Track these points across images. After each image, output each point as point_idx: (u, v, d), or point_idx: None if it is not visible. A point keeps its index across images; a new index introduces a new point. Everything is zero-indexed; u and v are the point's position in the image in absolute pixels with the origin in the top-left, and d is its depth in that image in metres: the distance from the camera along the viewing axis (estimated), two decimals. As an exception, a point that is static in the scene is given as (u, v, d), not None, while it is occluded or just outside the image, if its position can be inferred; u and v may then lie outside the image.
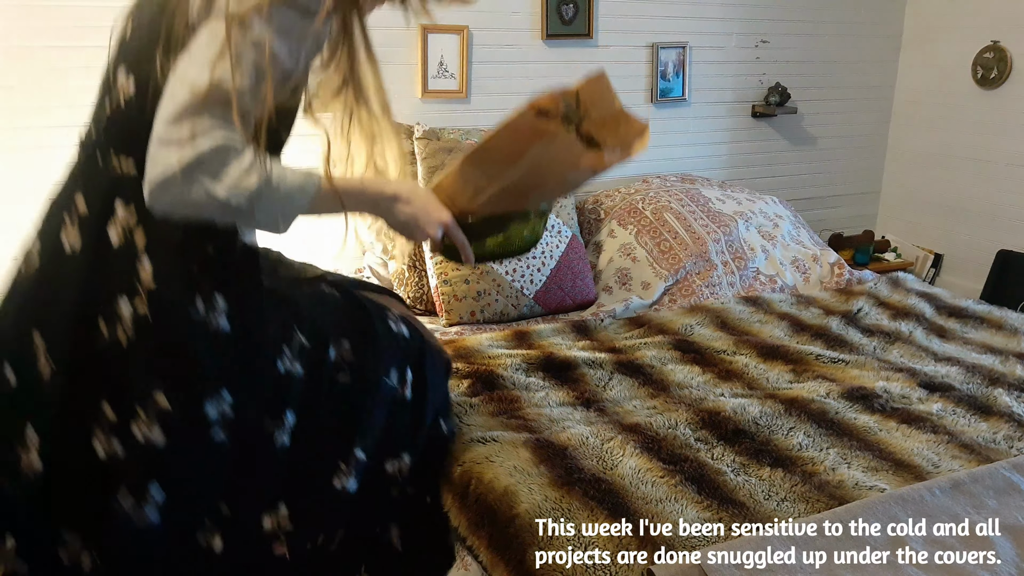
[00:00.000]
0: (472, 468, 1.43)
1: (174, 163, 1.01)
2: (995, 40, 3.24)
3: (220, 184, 1.03)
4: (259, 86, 1.05)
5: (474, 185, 1.30)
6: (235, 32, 1.02)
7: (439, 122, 2.77)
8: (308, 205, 1.13)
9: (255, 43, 1.03)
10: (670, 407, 1.66)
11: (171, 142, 1.01)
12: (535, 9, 2.85)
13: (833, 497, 1.33)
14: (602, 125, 1.32)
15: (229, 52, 1.01)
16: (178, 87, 1.03)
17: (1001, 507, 1.28)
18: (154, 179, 1.02)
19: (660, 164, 3.27)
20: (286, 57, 1.07)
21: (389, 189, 1.26)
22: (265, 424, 1.24)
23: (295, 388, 1.26)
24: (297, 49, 1.08)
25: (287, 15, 1.05)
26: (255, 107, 1.06)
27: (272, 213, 1.10)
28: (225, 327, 1.19)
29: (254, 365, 1.23)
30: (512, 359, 1.84)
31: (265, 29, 1.03)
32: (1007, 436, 1.56)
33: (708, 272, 2.46)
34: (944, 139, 3.51)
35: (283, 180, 1.09)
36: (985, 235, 3.38)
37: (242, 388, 1.21)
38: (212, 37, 1.03)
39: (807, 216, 3.49)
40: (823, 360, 1.92)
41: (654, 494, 1.33)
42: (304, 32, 1.07)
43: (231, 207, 1.05)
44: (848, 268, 2.66)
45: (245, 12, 1.02)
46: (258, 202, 1.07)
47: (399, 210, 1.25)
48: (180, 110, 1.01)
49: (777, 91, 3.32)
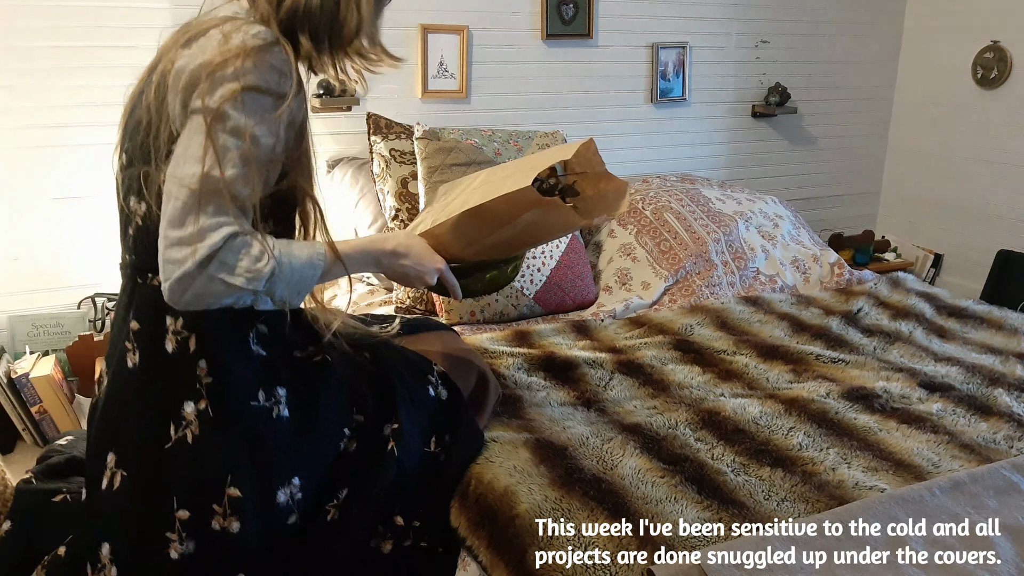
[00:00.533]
0: (472, 468, 1.43)
1: (188, 264, 1.07)
2: (995, 40, 3.24)
3: (236, 276, 1.10)
4: (248, 171, 1.10)
5: (468, 237, 1.38)
6: (214, 126, 1.07)
7: (439, 122, 2.77)
8: (319, 277, 1.21)
9: (235, 131, 1.08)
10: (670, 407, 1.66)
11: (181, 242, 1.07)
12: (535, 9, 2.85)
13: (833, 497, 1.33)
14: (589, 184, 1.44)
15: (213, 146, 1.07)
16: (174, 187, 1.08)
17: (1001, 507, 1.28)
18: (172, 280, 1.08)
19: (660, 164, 3.28)
20: (267, 138, 1.12)
21: (389, 245, 1.33)
22: (323, 501, 1.30)
23: (351, 465, 1.33)
24: (275, 128, 1.12)
25: (259, 99, 1.10)
26: (249, 192, 1.11)
27: (287, 291, 1.17)
28: (286, 415, 1.25)
29: (319, 449, 1.29)
30: (513, 359, 1.84)
31: (241, 116, 1.08)
32: (1007, 436, 1.56)
33: (708, 272, 2.46)
34: (944, 139, 3.51)
35: (292, 258, 1.16)
36: (985, 235, 3.38)
37: (309, 471, 1.27)
38: (194, 134, 1.09)
39: (807, 216, 3.49)
40: (823, 360, 1.92)
41: (654, 494, 1.32)
42: (278, 112, 1.11)
43: (249, 292, 1.12)
44: (848, 268, 2.66)
45: (219, 105, 1.07)
46: (273, 285, 1.14)
47: (399, 263, 1.34)
48: (182, 209, 1.07)
49: (777, 91, 3.32)
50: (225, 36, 1.10)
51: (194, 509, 1.19)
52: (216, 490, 1.19)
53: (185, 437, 1.19)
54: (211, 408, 1.20)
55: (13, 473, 1.48)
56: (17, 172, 2.33)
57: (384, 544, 1.35)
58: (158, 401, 1.20)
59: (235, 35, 1.10)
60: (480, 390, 1.58)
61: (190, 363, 1.20)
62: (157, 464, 1.19)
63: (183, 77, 1.10)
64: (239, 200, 1.10)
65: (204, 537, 1.19)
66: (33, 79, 2.28)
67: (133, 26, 2.33)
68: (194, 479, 1.19)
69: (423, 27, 2.69)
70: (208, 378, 1.20)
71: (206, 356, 1.20)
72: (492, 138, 2.53)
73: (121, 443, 1.22)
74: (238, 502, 1.19)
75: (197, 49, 1.11)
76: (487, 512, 1.34)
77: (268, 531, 1.23)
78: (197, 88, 1.08)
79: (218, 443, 1.20)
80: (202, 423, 1.19)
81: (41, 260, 2.40)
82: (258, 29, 1.12)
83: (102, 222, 2.43)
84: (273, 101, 1.11)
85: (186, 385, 1.20)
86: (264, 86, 1.10)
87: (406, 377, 1.44)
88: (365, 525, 1.33)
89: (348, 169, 2.61)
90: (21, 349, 2.39)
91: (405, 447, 1.36)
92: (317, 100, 2.52)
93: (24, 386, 2.18)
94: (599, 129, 3.10)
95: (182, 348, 1.20)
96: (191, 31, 1.15)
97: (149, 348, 1.21)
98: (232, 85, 1.08)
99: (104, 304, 2.45)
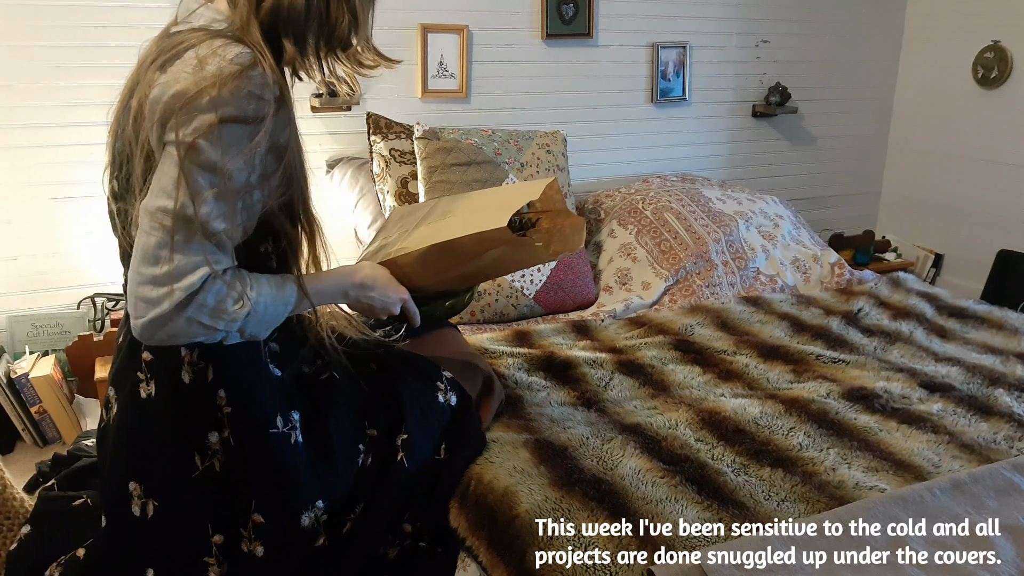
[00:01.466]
0: (472, 468, 1.43)
1: (165, 305, 1.05)
2: (995, 40, 3.24)
3: (215, 318, 1.09)
4: (223, 206, 1.06)
5: (434, 269, 1.41)
6: (187, 160, 1.03)
7: (439, 122, 2.76)
8: (289, 312, 1.21)
9: (209, 166, 1.04)
10: (670, 407, 1.66)
11: (155, 281, 1.04)
12: (535, 9, 2.85)
13: (833, 497, 1.33)
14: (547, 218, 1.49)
15: (186, 181, 1.03)
16: (147, 222, 1.05)
17: (1001, 507, 1.28)
18: (145, 320, 1.05)
19: (660, 164, 3.27)
20: (243, 171, 1.07)
21: (356, 278, 1.33)
22: (343, 516, 1.31)
23: (369, 480, 1.34)
24: (251, 160, 1.07)
25: (234, 130, 1.05)
26: (226, 227, 1.08)
27: (258, 328, 1.17)
28: (301, 441, 1.27)
29: (337, 470, 1.30)
30: (513, 359, 1.84)
31: (215, 151, 1.04)
32: (1007, 436, 1.56)
33: (708, 272, 2.46)
34: (944, 139, 3.51)
35: (265, 296, 1.15)
36: (985, 235, 3.38)
37: (331, 492, 1.29)
38: (168, 168, 1.05)
39: (807, 216, 3.49)
40: (823, 360, 1.92)
41: (654, 494, 1.32)
42: (255, 141, 1.06)
43: (221, 332, 1.11)
44: (848, 268, 2.66)
45: (193, 139, 1.03)
46: (247, 324, 1.13)
47: (366, 295, 1.34)
48: (156, 246, 1.04)
49: (777, 91, 3.32)
50: (200, 61, 1.04)
51: (226, 533, 1.21)
52: (243, 515, 1.21)
53: (213, 466, 1.21)
54: (232, 437, 1.21)
55: (13, 473, 1.48)
56: (17, 172, 2.33)
57: (391, 550, 1.36)
58: (181, 432, 1.20)
59: (211, 60, 1.04)
60: (485, 393, 1.59)
61: (209, 393, 1.20)
62: (187, 492, 1.20)
63: (158, 109, 1.05)
64: (215, 236, 1.07)
65: (237, 559, 1.21)
66: (33, 79, 2.28)
67: (133, 26, 2.33)
68: (224, 505, 1.21)
69: (423, 27, 2.68)
70: (228, 407, 1.21)
71: (224, 385, 1.20)
72: (492, 138, 2.53)
73: (145, 473, 1.22)
74: (261, 528, 1.21)
75: (171, 76, 1.05)
76: (487, 512, 1.34)
77: (295, 555, 1.25)
78: (172, 119, 1.03)
79: (243, 470, 1.21)
80: (226, 451, 1.21)
81: (41, 260, 2.40)
82: (235, 52, 1.05)
83: (102, 222, 2.42)
84: (250, 130, 1.06)
85: (207, 415, 1.20)
86: (240, 115, 1.04)
87: (415, 386, 1.45)
88: (378, 536, 1.34)
89: (348, 169, 2.61)
90: (21, 349, 2.39)
91: (414, 456, 1.37)
92: (316, 100, 2.52)
93: (24, 386, 2.18)
94: (599, 129, 3.10)
95: (200, 379, 1.20)
96: (167, 50, 1.09)
97: (165, 379, 1.20)
98: (207, 117, 1.03)
99: (104, 304, 2.45)
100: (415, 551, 1.38)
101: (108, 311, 2.44)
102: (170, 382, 1.20)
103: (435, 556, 1.38)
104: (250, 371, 1.23)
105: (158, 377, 1.20)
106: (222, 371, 1.20)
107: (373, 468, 1.35)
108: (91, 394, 2.32)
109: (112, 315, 2.40)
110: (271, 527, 1.22)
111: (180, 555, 1.21)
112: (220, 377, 1.20)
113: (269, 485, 1.22)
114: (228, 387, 1.20)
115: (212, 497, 1.20)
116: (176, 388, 1.19)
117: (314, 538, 1.27)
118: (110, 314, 2.42)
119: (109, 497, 1.25)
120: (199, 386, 1.20)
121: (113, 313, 2.41)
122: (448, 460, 1.43)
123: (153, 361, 1.21)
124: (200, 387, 1.20)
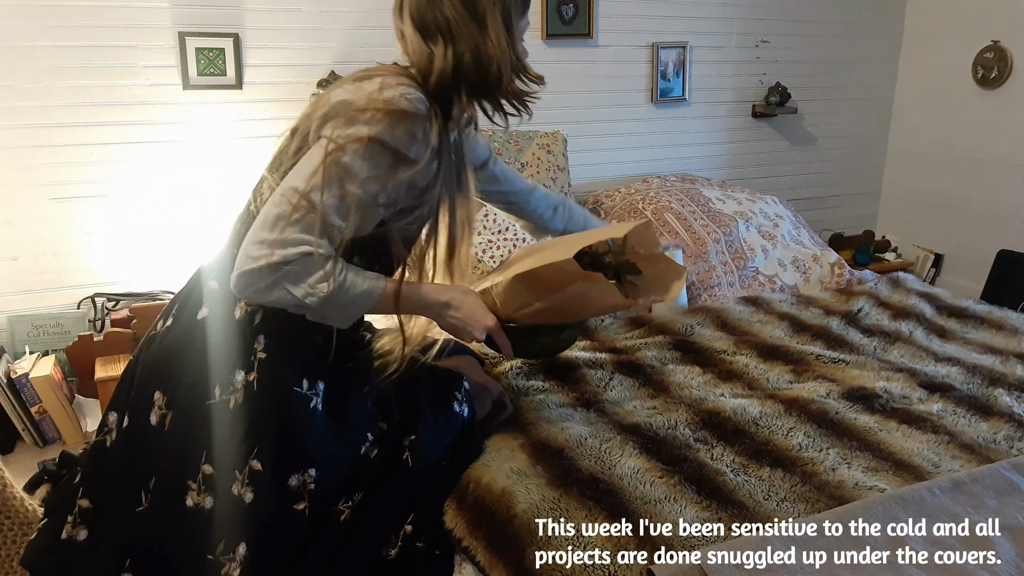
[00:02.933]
0: (470, 471, 1.43)
1: (262, 262, 1.17)
2: (995, 40, 3.24)
3: (296, 287, 1.20)
4: (344, 207, 1.20)
5: (520, 300, 1.45)
6: (332, 157, 1.18)
7: (439, 122, 2.76)
8: (369, 308, 1.30)
9: (347, 170, 1.18)
10: (670, 407, 1.66)
11: (263, 242, 1.18)
12: (535, 9, 2.85)
13: (833, 497, 1.33)
14: (644, 263, 1.51)
15: (324, 173, 1.17)
16: (279, 196, 1.20)
17: (1001, 507, 1.28)
18: (242, 271, 1.19)
19: (660, 164, 3.27)
20: (373, 188, 1.22)
21: (444, 296, 1.39)
22: (338, 499, 1.33)
23: (371, 470, 1.36)
24: (385, 185, 1.22)
25: (380, 154, 1.19)
26: (342, 224, 1.21)
27: (338, 313, 1.28)
28: (320, 409, 1.31)
29: (341, 447, 1.34)
30: (513, 361, 1.83)
31: (357, 160, 1.18)
32: (1007, 436, 1.56)
33: (708, 272, 2.46)
34: (944, 139, 3.51)
35: (353, 287, 1.25)
36: (985, 235, 3.38)
37: (326, 466, 1.32)
38: (314, 157, 1.19)
39: (807, 216, 3.49)
40: (823, 360, 1.92)
41: (653, 494, 1.32)
42: (397, 174, 1.22)
43: (303, 305, 1.22)
44: (848, 268, 2.65)
45: (343, 140, 1.18)
46: (326, 305, 1.23)
47: (449, 315, 1.39)
48: (276, 216, 1.18)
49: (777, 91, 3.32)
50: (382, 86, 1.19)
51: (218, 468, 1.25)
52: (241, 458, 1.25)
53: (228, 401, 1.26)
54: (257, 383, 1.27)
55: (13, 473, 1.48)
56: (17, 172, 2.33)
57: (392, 552, 1.37)
58: (214, 358, 1.27)
59: (390, 90, 1.19)
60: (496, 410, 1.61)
61: (251, 334, 1.29)
62: (196, 414, 1.26)
63: (329, 105, 1.20)
64: (328, 227, 1.19)
65: (221, 497, 1.25)
66: (33, 79, 2.28)
67: (133, 26, 2.33)
68: (225, 441, 1.25)
69: (423, 27, 2.68)
70: (263, 353, 1.28)
71: (266, 332, 1.29)
72: (492, 138, 2.53)
73: (171, 385, 1.29)
74: (257, 476, 1.25)
75: (354, 89, 1.21)
76: (485, 513, 1.34)
77: (277, 510, 1.27)
78: (334, 119, 1.19)
79: (255, 417, 1.26)
80: (247, 394, 1.26)
81: (41, 260, 2.40)
82: (416, 96, 1.20)
83: (102, 222, 2.44)
84: (392, 160, 1.20)
85: (242, 354, 1.28)
86: (391, 143, 1.18)
87: (432, 394, 1.48)
88: (379, 534, 1.35)
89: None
90: (21, 349, 2.39)
91: (421, 458, 1.39)
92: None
93: (24, 386, 2.18)
94: (599, 129, 3.10)
95: (249, 318, 1.29)
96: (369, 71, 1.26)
97: (220, 308, 1.30)
98: (362, 129, 1.17)
99: (104, 304, 2.45)
100: (413, 552, 1.38)
101: (108, 311, 2.44)
102: (222, 312, 1.30)
103: (433, 557, 1.38)
104: (297, 330, 1.29)
105: (213, 305, 1.31)
106: (269, 319, 1.28)
107: (376, 460, 1.37)
108: (91, 394, 2.32)
109: (112, 315, 2.40)
110: (265, 477, 1.25)
111: (167, 471, 1.27)
112: (266, 324, 1.28)
113: (273, 436, 1.26)
114: (270, 335, 1.28)
115: (216, 430, 1.25)
116: (225, 319, 1.29)
117: (296, 500, 1.28)
118: (110, 314, 2.42)
119: (135, 400, 1.32)
120: (246, 324, 1.28)
121: (113, 313, 2.41)
122: (450, 466, 1.45)
123: (216, 290, 1.32)
124: (247, 326, 1.28)
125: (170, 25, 2.37)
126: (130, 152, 2.41)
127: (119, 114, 2.36)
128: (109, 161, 2.40)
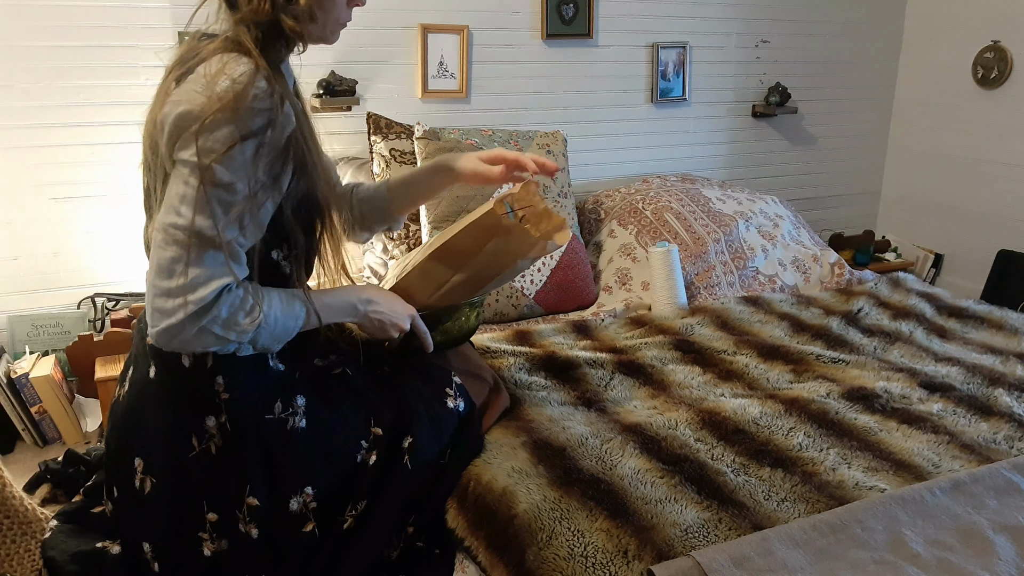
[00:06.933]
0: (470, 469, 1.43)
1: (180, 315, 1.11)
2: (995, 40, 3.24)
3: (227, 329, 1.14)
4: (231, 217, 1.11)
5: (436, 280, 1.43)
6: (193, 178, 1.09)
7: (439, 122, 2.77)
8: (299, 328, 1.25)
9: (222, 184, 1.09)
10: (670, 407, 1.66)
11: (170, 293, 1.10)
12: (535, 9, 2.85)
13: (833, 497, 1.33)
14: (534, 221, 1.49)
15: (197, 197, 1.09)
16: (161, 236, 1.11)
17: (1001, 507, 1.28)
18: (159, 329, 1.12)
19: (660, 164, 3.28)
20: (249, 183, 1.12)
21: (364, 293, 1.35)
22: (341, 510, 1.32)
23: (370, 477, 1.34)
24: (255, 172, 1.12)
25: (239, 148, 1.09)
26: (237, 235, 1.13)
27: (270, 341, 1.22)
28: (303, 425, 1.29)
29: (332, 459, 1.31)
30: (514, 359, 1.84)
31: (226, 170, 1.09)
32: (1007, 436, 1.56)
33: (708, 272, 2.46)
34: (944, 139, 3.51)
35: (276, 311, 1.20)
36: (985, 235, 3.38)
37: (324, 480, 1.30)
38: (179, 185, 1.10)
39: (807, 216, 3.49)
40: (823, 360, 1.92)
41: (654, 494, 1.32)
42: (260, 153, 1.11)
43: (233, 343, 1.17)
44: (848, 268, 2.66)
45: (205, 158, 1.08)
46: (258, 336, 1.18)
47: (372, 310, 1.35)
48: (171, 260, 1.10)
49: (777, 91, 3.32)
50: (209, 81, 1.09)
51: (222, 513, 1.24)
52: (238, 498, 1.24)
53: (209, 449, 1.23)
54: (229, 422, 1.23)
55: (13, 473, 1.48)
56: (17, 172, 2.33)
57: (393, 551, 1.37)
58: (179, 413, 1.23)
59: (220, 80, 1.09)
60: (491, 400, 1.60)
61: (208, 379, 1.22)
62: (182, 471, 1.23)
63: (167, 126, 1.10)
64: (227, 246, 1.12)
65: (235, 537, 1.24)
66: (33, 79, 2.28)
67: (133, 26, 2.33)
68: (219, 487, 1.24)
69: (423, 27, 2.69)
70: (225, 394, 1.23)
71: (223, 372, 1.23)
72: (492, 138, 2.53)
73: (146, 451, 1.25)
74: (256, 511, 1.24)
75: (182, 93, 1.11)
76: (486, 512, 1.34)
77: (285, 538, 1.27)
78: (181, 138, 1.09)
79: (238, 456, 1.24)
80: (223, 436, 1.23)
81: (41, 260, 2.40)
82: (242, 70, 1.10)
83: (102, 222, 2.44)
84: (255, 143, 1.11)
85: (206, 400, 1.23)
86: (246, 133, 1.09)
87: (425, 393, 1.46)
88: (382, 538, 1.35)
89: (348, 169, 2.61)
90: (21, 349, 2.39)
91: (420, 461, 1.38)
92: (317, 100, 2.52)
93: (24, 386, 2.18)
94: (599, 129, 3.10)
95: (199, 364, 1.22)
96: (185, 59, 1.15)
97: (167, 362, 1.23)
98: (215, 137, 1.08)
99: (104, 304, 2.45)
100: (414, 551, 1.38)
101: (108, 311, 2.44)
102: (170, 365, 1.23)
103: (434, 556, 1.38)
104: (252, 361, 1.25)
105: (160, 359, 1.24)
106: (221, 359, 1.22)
107: (376, 467, 1.35)
108: (91, 394, 2.32)
109: (112, 315, 2.41)
110: (264, 510, 1.25)
111: (174, 531, 1.25)
112: (219, 364, 1.22)
113: (262, 469, 1.25)
114: (227, 374, 1.23)
115: (208, 477, 1.23)
116: (176, 371, 1.22)
117: (302, 523, 1.28)
118: (110, 314, 2.42)
119: (118, 471, 1.29)
120: (199, 371, 1.22)
121: (113, 313, 2.41)
122: (449, 464, 1.44)
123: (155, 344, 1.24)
124: (199, 372, 1.22)
125: (170, 25, 2.36)
126: (130, 152, 2.41)
127: (119, 114, 2.36)
128: (109, 161, 2.40)
